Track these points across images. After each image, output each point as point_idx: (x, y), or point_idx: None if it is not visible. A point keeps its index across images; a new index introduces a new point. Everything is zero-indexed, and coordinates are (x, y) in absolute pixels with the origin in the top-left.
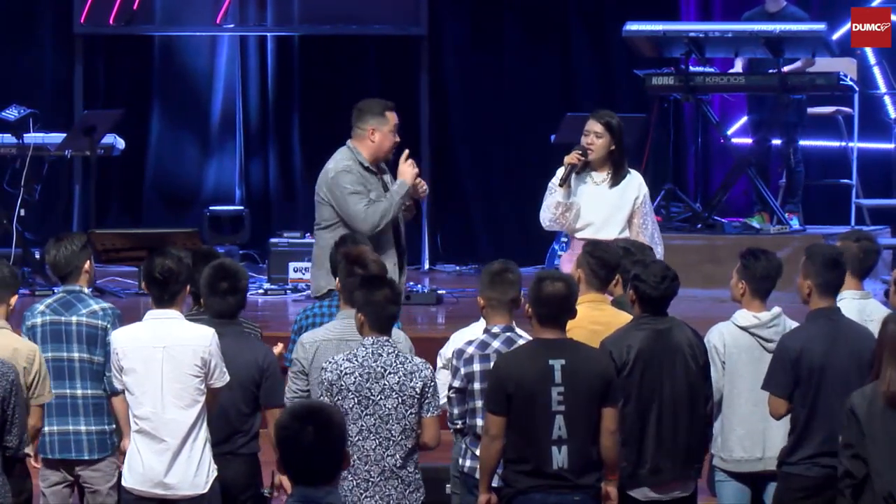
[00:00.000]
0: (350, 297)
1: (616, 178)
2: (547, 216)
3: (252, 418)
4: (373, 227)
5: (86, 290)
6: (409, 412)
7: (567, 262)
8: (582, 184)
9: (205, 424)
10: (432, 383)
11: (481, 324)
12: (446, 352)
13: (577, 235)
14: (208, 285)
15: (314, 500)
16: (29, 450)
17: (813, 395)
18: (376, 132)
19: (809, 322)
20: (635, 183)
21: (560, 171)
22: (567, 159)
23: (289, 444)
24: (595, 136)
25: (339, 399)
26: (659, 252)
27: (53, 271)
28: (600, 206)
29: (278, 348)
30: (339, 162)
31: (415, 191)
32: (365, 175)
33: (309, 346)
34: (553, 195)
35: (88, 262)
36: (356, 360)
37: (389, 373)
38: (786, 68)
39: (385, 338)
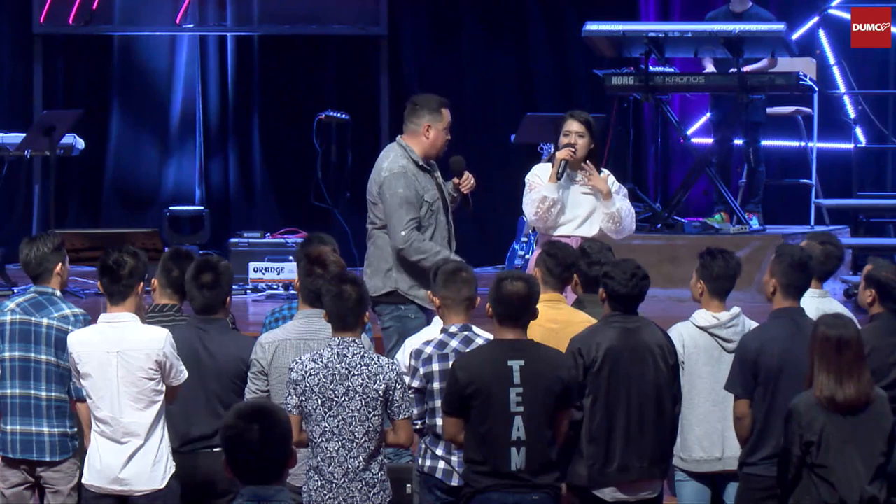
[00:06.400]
0: (309, 297)
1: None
2: (531, 211)
3: None
4: (405, 255)
5: (58, 293)
6: (372, 414)
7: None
8: (562, 182)
9: (163, 421)
10: (398, 385)
11: (436, 325)
12: (402, 358)
13: (557, 232)
14: (191, 279)
15: (265, 498)
16: None
17: (770, 395)
18: (431, 129)
19: (770, 322)
20: (609, 180)
21: (538, 168)
22: (560, 155)
23: (235, 444)
24: (577, 135)
25: (303, 399)
26: (627, 226)
27: (25, 271)
28: (581, 203)
29: None
30: (394, 161)
31: (463, 186)
32: (419, 175)
33: (268, 347)
34: (537, 191)
35: (61, 264)
36: (321, 361)
37: (354, 374)
38: (749, 67)
39: (351, 338)
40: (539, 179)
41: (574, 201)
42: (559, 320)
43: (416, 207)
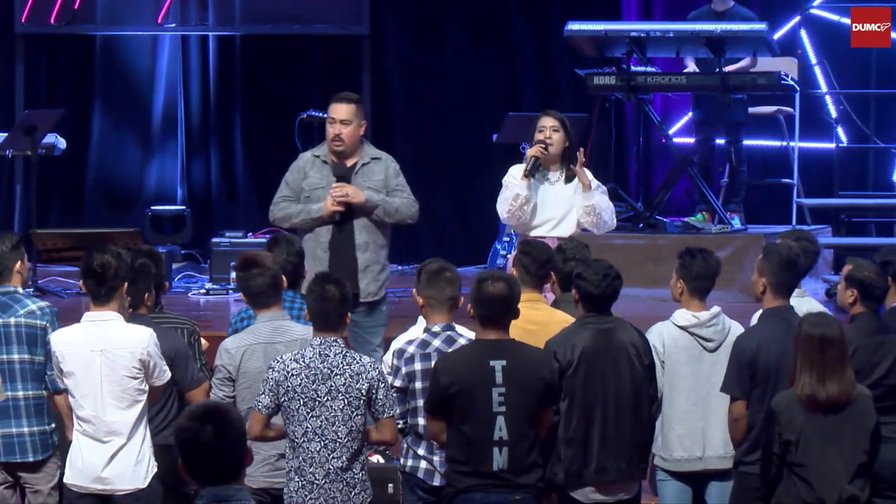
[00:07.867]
0: (252, 301)
1: (569, 176)
2: (504, 209)
3: (164, 408)
4: (271, 220)
5: (20, 290)
6: (355, 414)
7: None
8: (538, 182)
9: (145, 421)
10: (381, 384)
11: (420, 325)
12: (388, 359)
13: (533, 233)
14: None
15: (225, 498)
16: None
17: (769, 395)
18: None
19: (763, 322)
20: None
21: (513, 169)
22: (530, 152)
23: (190, 446)
24: (552, 130)
25: (285, 400)
26: (606, 220)
27: None
28: (557, 203)
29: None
30: None
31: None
32: (314, 164)
33: (235, 352)
34: (511, 188)
35: (20, 262)
36: (303, 361)
37: (336, 374)
38: (730, 67)
39: (333, 338)
40: (514, 180)
41: (549, 202)
42: (538, 321)
43: (291, 189)
